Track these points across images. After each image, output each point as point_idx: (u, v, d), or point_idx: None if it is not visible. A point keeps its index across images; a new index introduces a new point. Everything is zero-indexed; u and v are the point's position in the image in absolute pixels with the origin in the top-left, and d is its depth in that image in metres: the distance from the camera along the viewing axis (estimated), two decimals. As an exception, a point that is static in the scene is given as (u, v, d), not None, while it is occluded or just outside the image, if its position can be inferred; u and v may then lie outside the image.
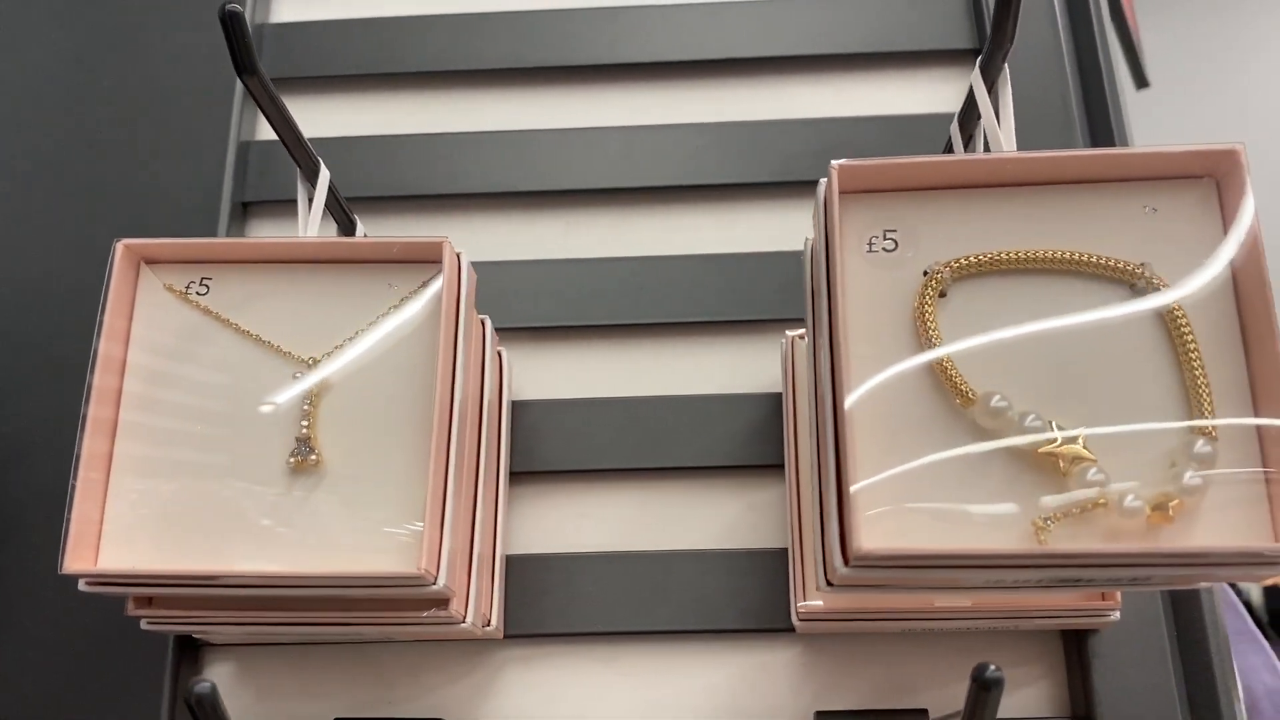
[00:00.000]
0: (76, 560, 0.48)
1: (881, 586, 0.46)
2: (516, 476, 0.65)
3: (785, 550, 0.62)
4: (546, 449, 0.66)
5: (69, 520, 0.48)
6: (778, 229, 0.70)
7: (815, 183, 0.70)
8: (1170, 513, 0.40)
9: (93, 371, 0.50)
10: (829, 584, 0.47)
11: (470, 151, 0.72)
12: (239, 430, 0.50)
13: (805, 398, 0.61)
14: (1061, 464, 0.41)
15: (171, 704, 0.61)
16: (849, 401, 0.41)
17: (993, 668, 0.37)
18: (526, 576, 0.63)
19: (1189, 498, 0.40)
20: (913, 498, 0.41)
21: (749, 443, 0.65)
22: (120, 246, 0.52)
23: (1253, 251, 0.42)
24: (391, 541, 0.48)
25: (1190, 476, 0.40)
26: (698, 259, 0.69)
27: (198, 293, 0.53)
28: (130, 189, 0.72)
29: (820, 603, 0.57)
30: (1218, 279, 0.42)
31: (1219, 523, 0.40)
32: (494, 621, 0.59)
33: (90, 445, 0.49)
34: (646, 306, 0.68)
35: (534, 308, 0.68)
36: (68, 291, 0.69)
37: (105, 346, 0.51)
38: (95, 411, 0.49)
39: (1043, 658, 0.61)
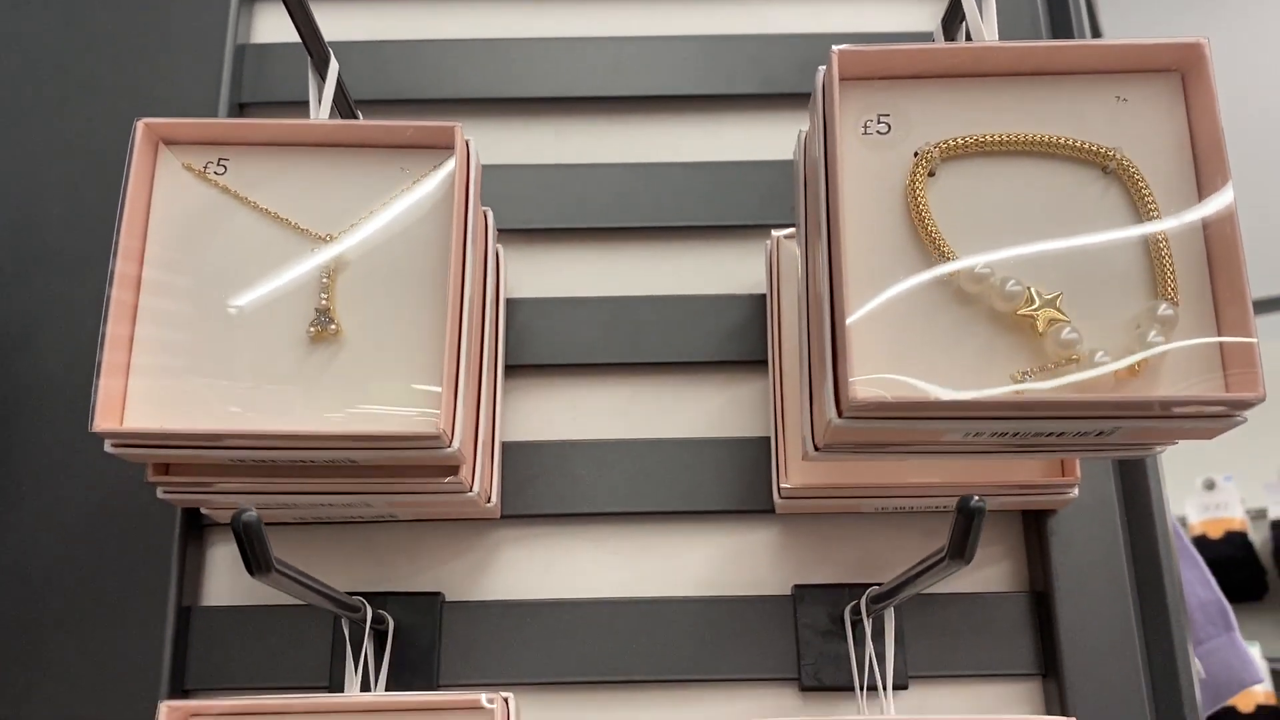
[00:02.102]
0: (105, 420, 0.50)
1: (865, 448, 0.50)
2: (510, 370, 0.68)
3: (767, 439, 0.66)
4: (539, 344, 0.69)
5: (97, 386, 0.50)
6: (760, 139, 0.73)
7: (796, 96, 0.74)
8: (1136, 368, 0.44)
9: (116, 245, 0.52)
10: (816, 449, 0.51)
11: (463, 58, 0.74)
12: (260, 302, 0.53)
13: (790, 294, 0.65)
14: (1038, 325, 0.44)
15: (179, 580, 0.63)
16: (845, 267, 0.45)
17: (976, 498, 0.41)
18: (521, 462, 0.66)
19: (1153, 356, 0.44)
20: (902, 355, 0.45)
21: (732, 340, 0.69)
22: (140, 125, 0.54)
23: (1213, 137, 0.46)
24: (409, 406, 0.51)
25: (1154, 336, 0.44)
26: (684, 166, 0.72)
27: (215, 172, 0.55)
28: (128, 89, 0.73)
29: (800, 482, 0.60)
30: (1183, 162, 0.46)
31: (1178, 379, 0.44)
32: (493, 499, 0.62)
33: (117, 309, 0.51)
34: (635, 211, 0.71)
35: (526, 211, 0.71)
36: (68, 185, 0.70)
37: (127, 222, 0.52)
38: (118, 291, 0.51)
39: (1004, 539, 0.65)
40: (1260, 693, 2.55)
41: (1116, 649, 0.62)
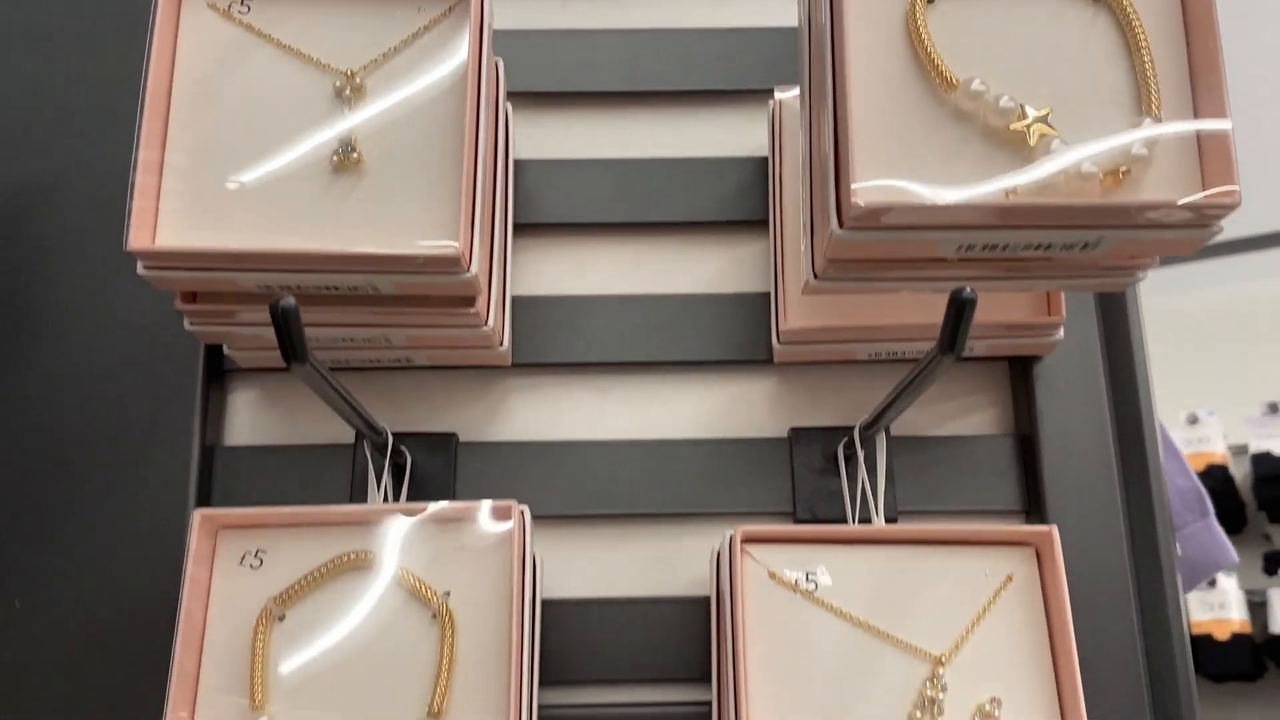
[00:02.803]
0: (138, 239, 0.52)
1: (863, 272, 0.52)
2: (519, 229, 0.70)
3: (766, 295, 0.69)
4: (547, 204, 0.71)
5: (130, 208, 0.52)
6: (764, 6, 0.75)
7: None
8: (1120, 178, 0.46)
9: (145, 81, 0.54)
10: (816, 277, 0.54)
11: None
12: (285, 134, 0.55)
13: (792, 153, 0.67)
14: (1030, 139, 0.47)
15: (203, 420, 0.66)
16: (850, 89, 0.47)
17: (968, 289, 0.44)
18: (531, 314, 0.68)
19: (1136, 166, 0.46)
20: (902, 170, 0.47)
21: (735, 201, 0.71)
22: (165, -36, 0.55)
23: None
24: (429, 231, 0.53)
25: (1138, 147, 0.46)
26: (689, 32, 0.74)
27: (239, 11, 0.57)
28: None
29: (798, 324, 0.63)
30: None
31: (1160, 189, 0.47)
32: (505, 343, 0.65)
33: (148, 137, 0.53)
34: (641, 75, 0.73)
35: (533, 75, 0.73)
36: (88, 36, 0.72)
37: (155, 61, 0.54)
38: (149, 123, 0.53)
39: (992, 386, 0.69)
40: (1236, 622, 2.62)
41: (1096, 487, 0.65)
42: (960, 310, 0.44)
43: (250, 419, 0.68)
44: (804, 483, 0.65)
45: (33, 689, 0.61)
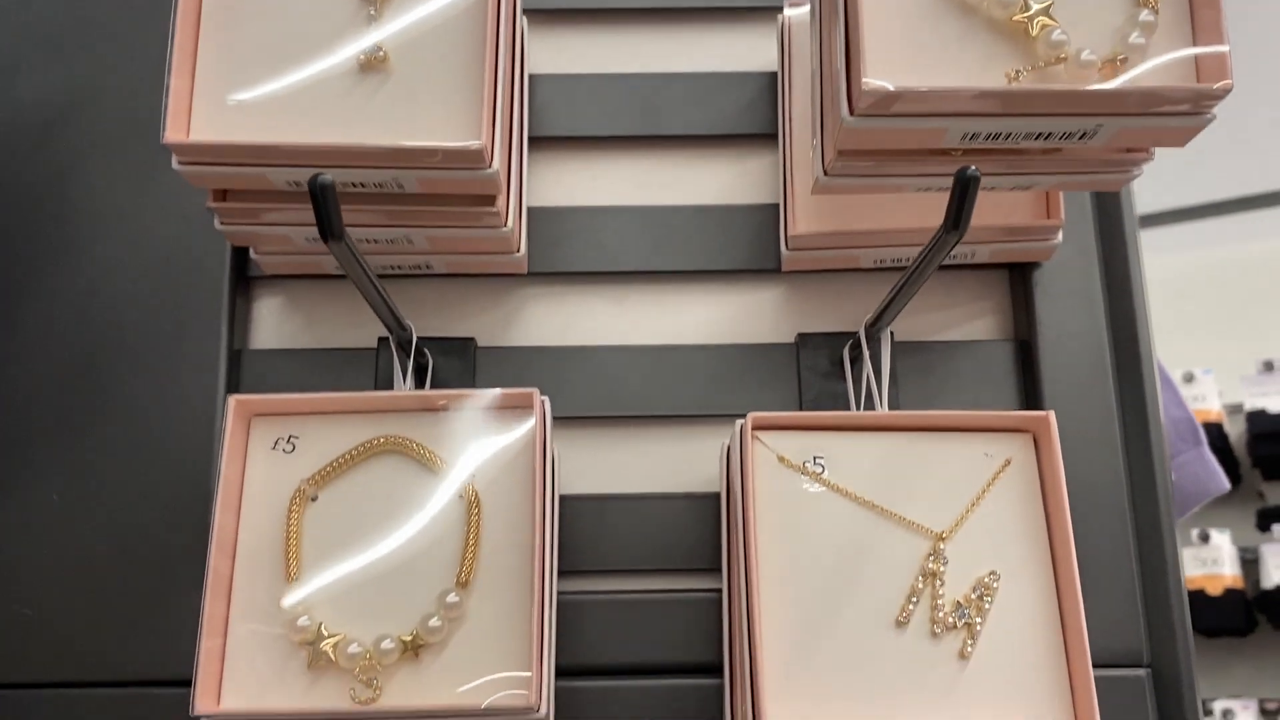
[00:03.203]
0: (173, 134, 0.54)
1: (871, 165, 0.54)
2: (534, 141, 0.72)
3: (775, 206, 0.71)
4: (562, 118, 0.73)
5: (166, 104, 0.54)
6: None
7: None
8: (1118, 66, 0.48)
9: (175, 8, 0.56)
10: (825, 173, 0.56)
11: None
12: (311, 35, 0.57)
13: (800, 67, 0.69)
14: (1032, 30, 0.49)
15: (230, 325, 0.68)
16: (859, -18, 0.49)
17: (972, 168, 0.46)
18: (547, 225, 0.71)
19: (1134, 55, 0.49)
20: (910, 61, 0.50)
21: (744, 115, 0.73)
22: None
23: None
24: (451, 132, 0.56)
25: (1135, 37, 0.48)
26: (698, -48, 0.76)
27: (267, -83, 0.59)
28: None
29: (806, 229, 0.66)
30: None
31: (1156, 78, 0.49)
32: (522, 249, 0.67)
33: (181, 38, 0.55)
34: (652, -6, 0.75)
35: (547, -5, 0.75)
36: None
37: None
38: (180, 36, 0.55)
39: (991, 295, 0.71)
40: (1229, 578, 2.65)
41: (1092, 390, 0.68)
42: (965, 188, 0.46)
43: (275, 324, 0.70)
44: (810, 386, 0.68)
45: (72, 580, 0.64)
